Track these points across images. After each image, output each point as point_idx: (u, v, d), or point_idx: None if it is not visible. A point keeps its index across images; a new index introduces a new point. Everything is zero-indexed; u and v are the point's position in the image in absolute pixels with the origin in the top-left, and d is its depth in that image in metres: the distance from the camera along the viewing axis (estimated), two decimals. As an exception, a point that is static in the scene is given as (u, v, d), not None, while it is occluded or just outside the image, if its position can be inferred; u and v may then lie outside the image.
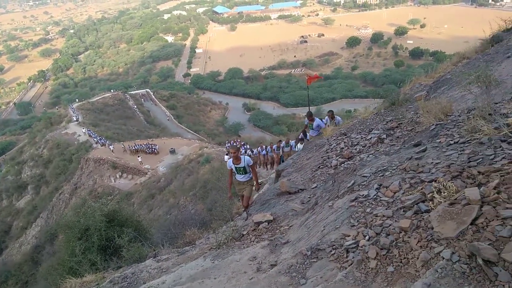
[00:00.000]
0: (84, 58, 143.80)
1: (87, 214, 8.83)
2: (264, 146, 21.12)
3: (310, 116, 10.59)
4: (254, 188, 7.41)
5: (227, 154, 31.23)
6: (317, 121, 10.53)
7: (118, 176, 38.99)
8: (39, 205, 44.26)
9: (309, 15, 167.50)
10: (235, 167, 7.08)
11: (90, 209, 9.02)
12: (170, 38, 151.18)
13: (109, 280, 4.91)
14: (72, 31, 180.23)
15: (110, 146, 42.50)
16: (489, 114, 4.11)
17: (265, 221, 5.27)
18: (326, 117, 12.65)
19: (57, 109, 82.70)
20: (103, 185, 38.37)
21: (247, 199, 7.25)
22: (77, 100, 76.00)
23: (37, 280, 23.40)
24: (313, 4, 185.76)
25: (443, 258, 2.58)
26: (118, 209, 9.72)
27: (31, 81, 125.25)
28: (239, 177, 7.18)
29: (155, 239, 9.58)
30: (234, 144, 28.44)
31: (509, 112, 4.02)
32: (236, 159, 6.98)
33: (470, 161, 3.47)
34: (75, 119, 59.43)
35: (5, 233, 44.68)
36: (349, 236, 3.40)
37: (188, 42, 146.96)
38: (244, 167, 7.03)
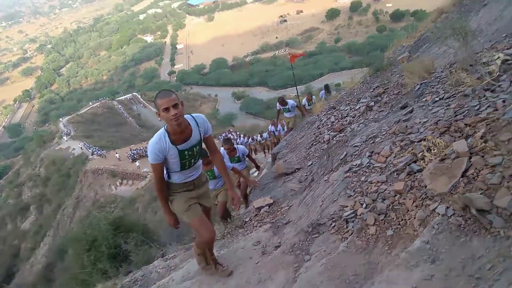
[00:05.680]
0: (66, 71, 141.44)
1: (92, 225, 8.91)
2: (262, 132, 21.00)
3: (282, 101, 10.51)
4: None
5: (222, 147, 31.20)
6: (290, 102, 10.54)
7: (118, 184, 38.95)
8: (44, 224, 44.18)
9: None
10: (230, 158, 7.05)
11: (95, 220, 9.09)
12: (149, 38, 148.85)
13: (120, 286, 4.94)
14: (49, 46, 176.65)
15: (116, 154, 42.06)
16: (470, 65, 4.10)
17: (266, 205, 5.28)
18: (322, 91, 12.82)
19: (48, 126, 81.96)
20: (104, 195, 38.35)
21: (244, 189, 7.06)
22: (60, 119, 74.06)
23: (54, 298, 23.56)
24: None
25: (439, 214, 2.60)
26: (123, 215, 9.84)
27: (17, 102, 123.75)
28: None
29: (162, 240, 9.62)
30: (227, 137, 28.08)
31: (490, 60, 4.00)
32: (231, 151, 6.96)
33: (457, 115, 3.47)
34: (65, 136, 58.42)
35: (15, 257, 44.59)
36: (347, 206, 3.42)
37: (167, 40, 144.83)
38: (238, 156, 7.07)
